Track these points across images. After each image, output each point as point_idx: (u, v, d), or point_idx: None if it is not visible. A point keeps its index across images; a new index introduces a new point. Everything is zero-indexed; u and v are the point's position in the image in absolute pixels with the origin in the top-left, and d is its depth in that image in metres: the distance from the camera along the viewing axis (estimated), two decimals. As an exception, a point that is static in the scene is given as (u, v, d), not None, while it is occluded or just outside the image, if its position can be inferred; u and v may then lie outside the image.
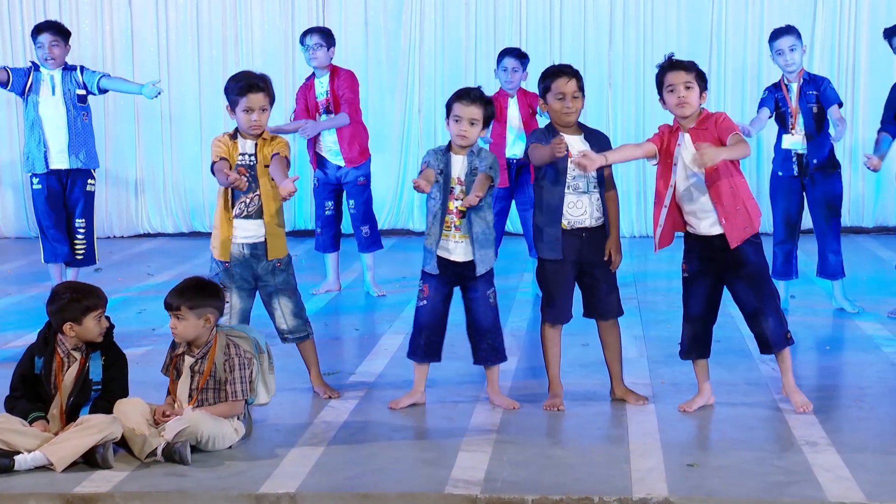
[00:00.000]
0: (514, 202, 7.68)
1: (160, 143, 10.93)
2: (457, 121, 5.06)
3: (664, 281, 8.24)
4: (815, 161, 6.90)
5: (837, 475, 4.23)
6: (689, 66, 4.98)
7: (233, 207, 5.18)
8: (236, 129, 5.25)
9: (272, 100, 5.24)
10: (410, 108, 10.64)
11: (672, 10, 10.46)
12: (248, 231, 5.20)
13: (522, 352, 6.21)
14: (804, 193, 7.01)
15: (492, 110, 5.14)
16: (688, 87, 4.93)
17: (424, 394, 5.23)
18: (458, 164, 5.09)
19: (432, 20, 10.62)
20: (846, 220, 9.56)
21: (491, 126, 5.28)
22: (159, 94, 7.34)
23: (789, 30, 7.02)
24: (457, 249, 5.09)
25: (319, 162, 7.78)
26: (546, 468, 4.36)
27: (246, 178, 5.10)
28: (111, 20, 10.83)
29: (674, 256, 9.42)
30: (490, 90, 8.19)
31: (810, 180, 6.94)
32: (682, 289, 5.15)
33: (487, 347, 5.18)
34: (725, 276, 5.04)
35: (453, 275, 5.14)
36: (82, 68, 7.47)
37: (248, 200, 5.18)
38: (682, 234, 5.08)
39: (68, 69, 7.44)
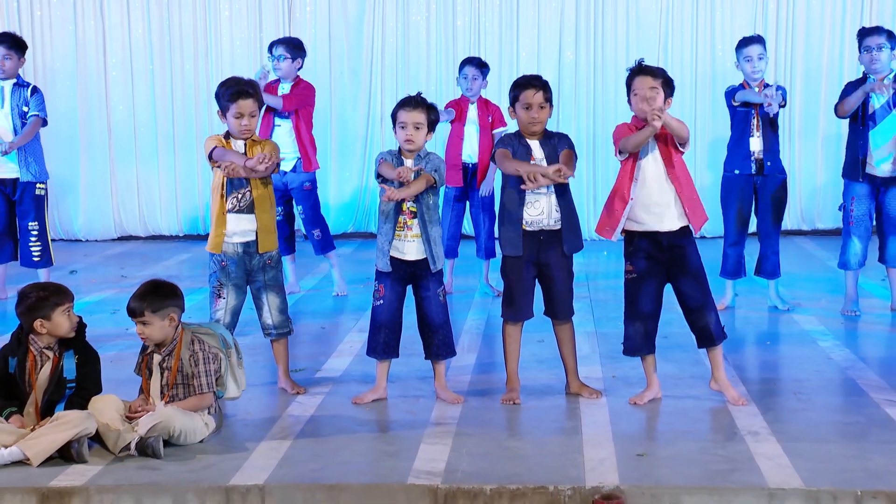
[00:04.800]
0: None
1: (132, 150, 11.01)
2: (402, 127, 5.22)
3: (613, 280, 8.41)
4: (769, 163, 7.11)
5: (777, 463, 4.40)
6: (657, 72, 5.12)
7: (226, 202, 5.35)
8: (227, 132, 5.43)
9: (260, 105, 5.45)
10: (373, 118, 10.91)
11: (622, 22, 10.74)
12: (240, 227, 5.36)
13: (480, 348, 6.36)
14: (754, 195, 7.20)
15: (436, 115, 5.30)
16: (652, 91, 5.08)
17: (386, 389, 5.37)
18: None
19: (393, 35, 10.87)
20: (786, 223, 9.87)
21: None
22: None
23: (759, 39, 7.20)
24: (409, 249, 5.25)
25: None
26: (504, 459, 4.48)
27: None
28: (83, 32, 10.88)
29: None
30: (448, 98, 8.47)
31: (762, 183, 7.14)
32: (625, 289, 5.27)
33: (439, 343, 5.33)
34: (672, 274, 5.20)
35: (406, 273, 5.29)
36: (34, 90, 7.48)
37: (239, 196, 5.36)
38: (624, 236, 5.22)
39: (20, 85, 7.46)
